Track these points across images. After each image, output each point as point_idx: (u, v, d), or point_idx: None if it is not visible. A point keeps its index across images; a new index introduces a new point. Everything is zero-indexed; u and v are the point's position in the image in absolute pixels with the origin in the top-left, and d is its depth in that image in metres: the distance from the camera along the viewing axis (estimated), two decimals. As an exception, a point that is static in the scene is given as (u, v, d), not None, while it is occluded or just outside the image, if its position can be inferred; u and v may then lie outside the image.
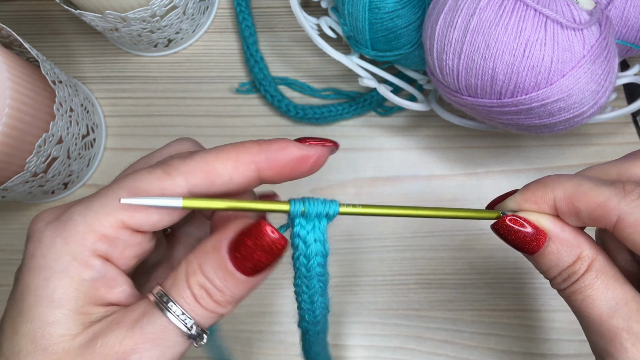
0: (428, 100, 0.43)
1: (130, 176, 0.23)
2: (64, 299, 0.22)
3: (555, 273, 0.24)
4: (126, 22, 0.41)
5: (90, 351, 0.21)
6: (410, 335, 0.43)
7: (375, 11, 0.38)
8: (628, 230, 0.23)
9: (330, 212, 0.23)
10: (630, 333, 0.22)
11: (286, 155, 0.24)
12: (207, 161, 0.23)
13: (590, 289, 0.23)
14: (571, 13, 0.33)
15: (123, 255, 0.23)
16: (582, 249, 0.24)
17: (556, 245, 0.24)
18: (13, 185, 0.38)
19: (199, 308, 0.22)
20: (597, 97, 0.34)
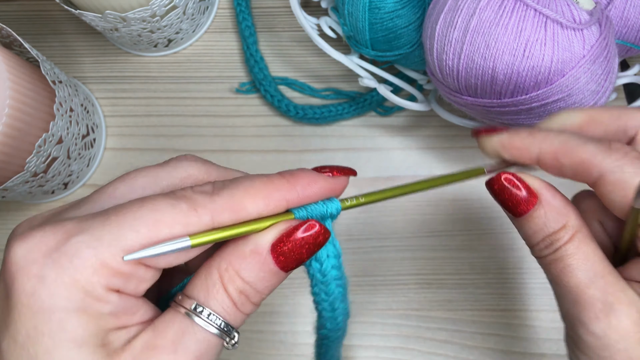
0: (428, 100, 0.43)
1: (148, 206, 0.20)
2: (87, 336, 0.20)
3: (539, 238, 0.25)
4: (126, 22, 0.41)
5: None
6: (410, 336, 0.43)
7: (375, 11, 0.38)
8: (608, 188, 0.23)
9: (333, 211, 0.23)
10: (605, 304, 0.23)
11: (317, 189, 0.23)
12: (236, 199, 0.22)
13: (571, 258, 0.24)
14: (571, 13, 0.33)
15: (138, 290, 0.21)
16: (568, 218, 0.24)
17: (545, 210, 0.24)
18: (13, 185, 0.38)
19: (238, 313, 0.22)
20: (597, 97, 0.34)
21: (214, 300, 0.21)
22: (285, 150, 0.46)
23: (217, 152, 0.46)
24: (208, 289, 0.21)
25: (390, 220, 0.45)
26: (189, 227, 0.20)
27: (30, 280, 0.19)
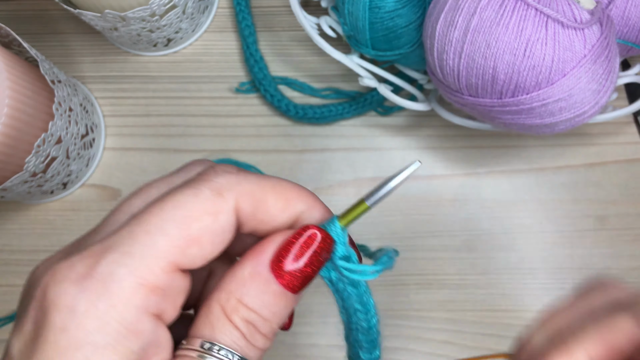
0: (428, 99, 0.43)
1: (170, 204, 0.19)
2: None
3: None
4: (125, 21, 0.40)
5: None
6: (410, 336, 0.43)
7: (376, 10, 0.38)
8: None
9: (338, 231, 0.21)
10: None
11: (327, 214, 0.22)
12: (264, 190, 0.20)
13: None
14: (572, 12, 0.33)
15: (175, 306, 0.19)
16: None
17: None
18: (12, 185, 0.37)
19: (251, 347, 0.20)
20: (598, 97, 0.34)
21: (221, 334, 0.19)
22: (285, 150, 0.46)
23: (217, 152, 0.46)
24: (212, 324, 0.19)
25: (390, 220, 0.45)
26: (218, 214, 0.19)
27: (61, 313, 0.17)
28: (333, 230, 0.21)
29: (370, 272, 0.22)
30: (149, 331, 0.18)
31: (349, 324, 0.24)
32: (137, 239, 0.18)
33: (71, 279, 0.18)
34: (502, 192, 0.45)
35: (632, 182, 0.45)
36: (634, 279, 0.43)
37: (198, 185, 0.19)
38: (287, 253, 0.20)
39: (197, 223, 0.19)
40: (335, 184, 0.45)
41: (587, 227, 0.44)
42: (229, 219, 0.19)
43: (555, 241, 0.44)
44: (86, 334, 0.17)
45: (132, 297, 0.18)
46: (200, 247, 0.19)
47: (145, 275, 0.18)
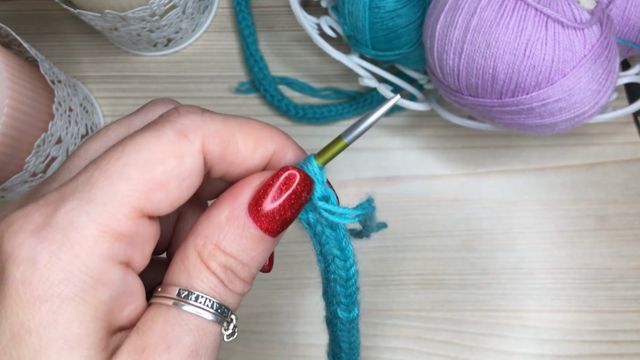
0: (428, 99, 0.43)
1: (130, 147, 0.18)
2: (81, 334, 0.17)
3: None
4: (125, 21, 0.40)
5: None
6: (410, 336, 0.43)
7: (376, 10, 0.38)
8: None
9: (315, 170, 0.20)
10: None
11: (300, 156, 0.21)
12: (231, 129, 0.19)
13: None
14: (572, 12, 0.33)
15: (144, 254, 0.18)
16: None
17: None
18: (12, 185, 0.37)
19: (229, 293, 0.19)
20: (598, 97, 0.34)
21: (198, 280, 0.18)
22: (285, 150, 0.46)
23: (217, 152, 0.46)
24: (188, 270, 0.18)
25: (390, 220, 0.45)
26: (184, 157, 0.18)
27: (20, 266, 0.16)
28: (311, 169, 0.20)
29: (350, 215, 0.21)
30: (117, 280, 0.17)
31: (327, 274, 0.23)
32: (96, 185, 0.17)
33: (28, 229, 0.17)
34: (502, 192, 0.45)
35: (632, 182, 0.45)
36: (634, 278, 0.43)
37: (160, 127, 0.18)
38: (265, 196, 0.19)
39: (161, 166, 0.17)
40: (335, 183, 0.45)
41: (587, 227, 0.44)
42: (195, 161, 0.18)
43: (555, 241, 0.44)
44: (50, 286, 0.16)
45: (96, 246, 0.17)
46: (166, 192, 0.18)
47: (108, 222, 0.17)
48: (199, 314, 0.18)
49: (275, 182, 0.19)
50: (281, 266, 0.44)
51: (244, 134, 0.20)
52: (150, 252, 0.19)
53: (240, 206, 0.19)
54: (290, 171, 0.19)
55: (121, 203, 0.17)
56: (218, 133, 0.19)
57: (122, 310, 0.18)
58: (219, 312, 0.18)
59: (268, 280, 0.44)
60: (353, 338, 0.25)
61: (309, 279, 0.27)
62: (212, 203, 0.20)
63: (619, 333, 0.43)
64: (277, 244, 0.20)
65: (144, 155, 0.17)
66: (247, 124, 0.20)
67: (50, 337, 0.16)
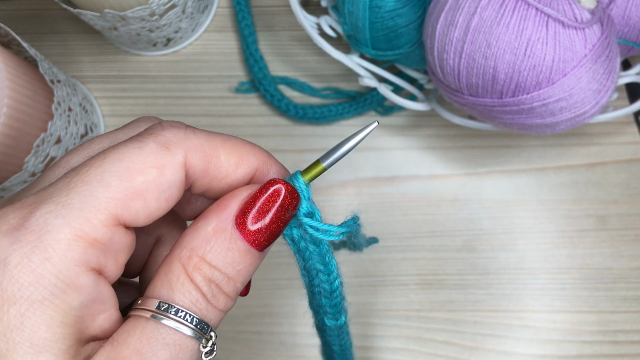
0: (429, 99, 0.43)
1: (112, 155, 0.18)
2: (49, 339, 0.16)
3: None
4: (125, 21, 0.40)
5: None
6: (410, 336, 0.43)
7: (376, 10, 0.38)
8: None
9: (302, 187, 0.20)
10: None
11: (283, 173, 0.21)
12: (214, 144, 0.19)
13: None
14: (573, 12, 0.33)
15: (118, 264, 0.18)
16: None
17: None
18: (11, 185, 0.37)
19: (211, 308, 0.18)
20: (598, 97, 0.34)
21: (180, 294, 0.18)
22: (285, 150, 0.46)
23: (217, 151, 0.46)
24: (171, 283, 0.18)
25: (390, 220, 0.45)
26: (165, 168, 0.18)
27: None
28: (297, 185, 0.20)
29: (335, 232, 0.21)
30: (89, 286, 0.17)
31: (311, 287, 0.23)
32: (74, 190, 0.17)
33: (2, 230, 0.16)
34: (502, 192, 0.45)
35: (633, 182, 0.45)
36: (634, 279, 0.43)
37: (143, 138, 0.18)
38: (252, 208, 0.19)
39: (141, 176, 0.17)
40: (335, 184, 0.45)
41: (587, 227, 0.44)
42: (176, 174, 0.18)
43: (555, 241, 0.44)
44: (20, 288, 0.16)
45: (69, 250, 0.16)
46: (144, 202, 0.18)
47: (83, 227, 0.17)
48: (177, 329, 0.18)
49: (263, 194, 0.19)
50: (281, 267, 0.44)
51: (227, 149, 0.20)
52: (124, 263, 0.18)
53: (228, 218, 0.19)
54: (278, 184, 0.19)
55: (98, 209, 0.17)
56: (201, 147, 0.19)
57: (93, 319, 0.18)
58: (199, 328, 0.18)
59: (268, 280, 0.44)
60: (343, 341, 0.25)
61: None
62: (199, 216, 0.20)
63: (620, 333, 0.42)
64: (262, 259, 0.20)
65: (125, 164, 0.17)
66: (229, 140, 0.20)
67: (17, 340, 0.16)
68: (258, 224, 0.19)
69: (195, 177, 0.19)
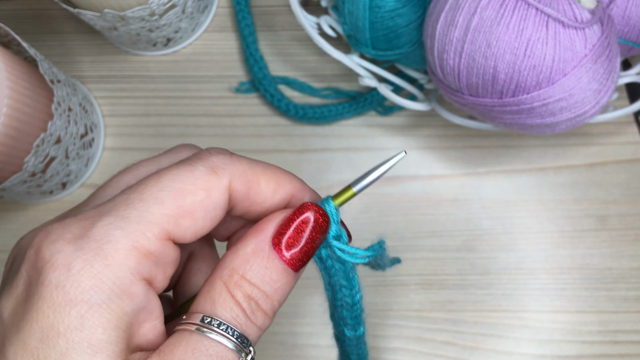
0: (429, 99, 0.43)
1: (166, 176, 0.19)
2: (104, 341, 0.17)
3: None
4: (125, 21, 0.40)
5: None
6: (410, 337, 0.43)
7: (376, 10, 0.38)
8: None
9: (332, 210, 0.22)
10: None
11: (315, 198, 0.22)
12: (255, 171, 0.21)
13: None
14: (573, 12, 0.33)
15: (165, 276, 0.20)
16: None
17: None
18: (11, 185, 0.37)
19: (250, 324, 0.20)
20: (598, 97, 0.34)
21: (222, 309, 0.19)
22: (284, 150, 0.46)
23: (217, 151, 0.46)
24: (214, 299, 0.20)
25: (390, 220, 0.45)
26: (212, 190, 0.20)
27: (56, 271, 0.17)
28: (328, 209, 0.22)
29: (360, 256, 0.23)
30: (141, 295, 0.18)
31: (334, 301, 0.24)
32: (132, 205, 0.19)
33: (66, 238, 0.18)
34: (502, 192, 0.45)
35: (633, 182, 0.45)
36: (634, 279, 0.43)
37: (194, 162, 0.20)
38: (287, 230, 0.21)
39: (191, 196, 0.19)
40: (335, 184, 0.45)
41: (587, 227, 0.44)
42: (221, 196, 0.20)
43: (555, 241, 0.44)
44: (81, 292, 0.17)
45: (126, 259, 0.18)
46: (192, 220, 0.19)
47: (139, 239, 0.18)
48: (220, 341, 0.19)
49: (297, 218, 0.21)
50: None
51: (267, 176, 0.21)
52: (170, 275, 0.20)
53: (265, 239, 0.20)
54: (311, 209, 0.21)
55: (153, 223, 0.19)
56: (244, 173, 0.21)
57: (140, 327, 0.19)
58: (239, 342, 0.19)
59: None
60: (361, 350, 0.27)
61: (309, 280, 0.27)
62: (238, 240, 0.21)
63: (620, 333, 0.42)
64: (297, 279, 0.21)
65: (177, 185, 0.19)
66: (269, 168, 0.22)
67: (76, 340, 0.17)
68: (293, 246, 0.21)
69: (237, 201, 0.21)
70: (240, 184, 0.21)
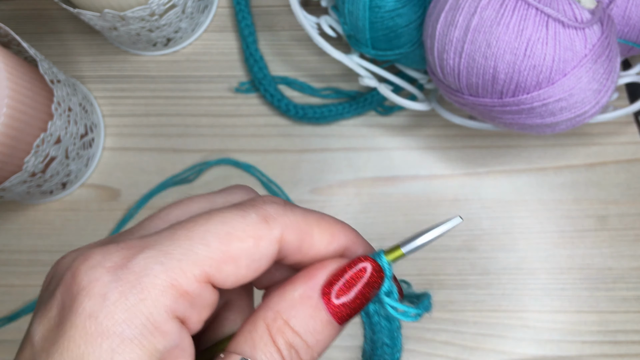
0: (429, 99, 0.43)
1: (217, 218, 0.19)
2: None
3: None
4: (125, 20, 0.40)
5: None
6: (410, 337, 0.43)
7: (376, 10, 0.38)
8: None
9: (385, 265, 0.21)
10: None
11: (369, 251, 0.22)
12: (309, 222, 0.20)
13: None
14: (573, 12, 0.33)
15: (200, 318, 0.19)
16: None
17: None
18: (11, 185, 0.37)
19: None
20: (598, 97, 0.34)
21: (262, 353, 0.19)
22: (284, 150, 0.46)
23: (216, 151, 0.46)
24: (254, 342, 0.19)
25: (390, 220, 0.45)
26: (260, 240, 0.19)
27: (91, 300, 0.17)
28: (381, 264, 0.21)
29: (412, 314, 0.22)
30: (174, 333, 0.18)
31: (372, 356, 0.23)
32: (177, 242, 0.18)
33: (105, 266, 0.18)
34: (502, 192, 0.45)
35: (633, 182, 0.45)
36: (634, 279, 0.43)
37: (246, 208, 0.19)
38: (339, 280, 0.20)
39: (238, 242, 0.19)
40: (335, 184, 0.45)
41: (587, 227, 0.44)
42: (270, 247, 0.19)
43: (555, 241, 0.44)
44: (114, 324, 0.17)
45: (162, 296, 0.18)
46: (236, 267, 0.19)
47: (178, 278, 0.18)
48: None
49: (351, 269, 0.20)
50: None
51: (321, 227, 0.21)
52: (205, 319, 0.19)
53: (315, 287, 0.20)
54: (366, 262, 0.20)
55: (195, 264, 0.18)
56: (297, 225, 0.20)
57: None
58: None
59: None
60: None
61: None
62: (287, 281, 0.21)
63: (620, 334, 0.42)
64: (339, 333, 0.21)
65: (226, 229, 0.19)
66: (324, 219, 0.21)
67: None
68: (343, 298, 0.20)
69: (288, 253, 0.20)
70: (292, 236, 0.20)
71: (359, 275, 0.20)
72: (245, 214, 0.19)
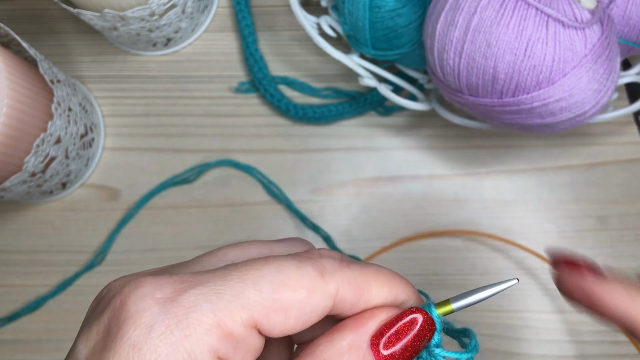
0: (429, 99, 0.43)
1: (272, 265, 0.19)
2: None
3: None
4: (125, 21, 0.40)
5: None
6: (410, 336, 0.43)
7: (376, 10, 0.38)
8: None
9: (436, 318, 0.21)
10: None
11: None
12: (366, 277, 0.20)
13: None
14: (573, 12, 0.33)
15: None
16: None
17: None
18: (11, 185, 0.37)
19: None
20: (598, 97, 0.34)
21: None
22: (284, 150, 0.46)
23: (216, 151, 0.46)
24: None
25: (390, 220, 0.45)
26: (314, 293, 0.19)
27: (137, 329, 0.17)
28: (433, 316, 0.21)
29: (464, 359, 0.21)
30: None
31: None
32: (229, 283, 0.18)
33: (155, 297, 0.18)
34: (502, 192, 0.45)
35: (633, 182, 0.45)
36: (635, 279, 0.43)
37: (303, 259, 0.19)
38: (389, 330, 0.20)
39: (291, 293, 0.18)
40: (335, 184, 0.45)
41: (588, 227, 0.44)
42: (322, 302, 0.19)
43: (556, 241, 0.44)
44: (156, 357, 0.17)
45: (206, 335, 0.17)
46: (285, 317, 0.18)
47: (225, 319, 0.18)
48: None
49: (402, 319, 0.20)
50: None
51: (379, 282, 0.20)
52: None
53: (364, 336, 0.19)
54: (418, 313, 0.20)
55: (244, 307, 0.18)
56: (354, 280, 0.20)
57: None
58: None
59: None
60: None
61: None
62: (334, 327, 0.20)
63: (620, 333, 0.42)
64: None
65: (280, 277, 0.18)
66: (381, 273, 0.21)
67: None
68: (391, 349, 0.19)
69: (344, 309, 0.20)
70: (348, 292, 0.19)
71: (409, 327, 0.20)
72: (301, 264, 0.19)
